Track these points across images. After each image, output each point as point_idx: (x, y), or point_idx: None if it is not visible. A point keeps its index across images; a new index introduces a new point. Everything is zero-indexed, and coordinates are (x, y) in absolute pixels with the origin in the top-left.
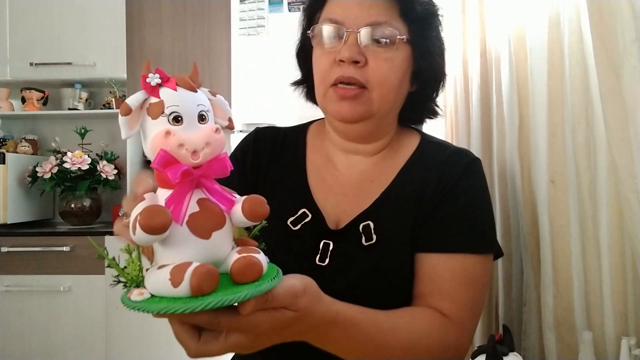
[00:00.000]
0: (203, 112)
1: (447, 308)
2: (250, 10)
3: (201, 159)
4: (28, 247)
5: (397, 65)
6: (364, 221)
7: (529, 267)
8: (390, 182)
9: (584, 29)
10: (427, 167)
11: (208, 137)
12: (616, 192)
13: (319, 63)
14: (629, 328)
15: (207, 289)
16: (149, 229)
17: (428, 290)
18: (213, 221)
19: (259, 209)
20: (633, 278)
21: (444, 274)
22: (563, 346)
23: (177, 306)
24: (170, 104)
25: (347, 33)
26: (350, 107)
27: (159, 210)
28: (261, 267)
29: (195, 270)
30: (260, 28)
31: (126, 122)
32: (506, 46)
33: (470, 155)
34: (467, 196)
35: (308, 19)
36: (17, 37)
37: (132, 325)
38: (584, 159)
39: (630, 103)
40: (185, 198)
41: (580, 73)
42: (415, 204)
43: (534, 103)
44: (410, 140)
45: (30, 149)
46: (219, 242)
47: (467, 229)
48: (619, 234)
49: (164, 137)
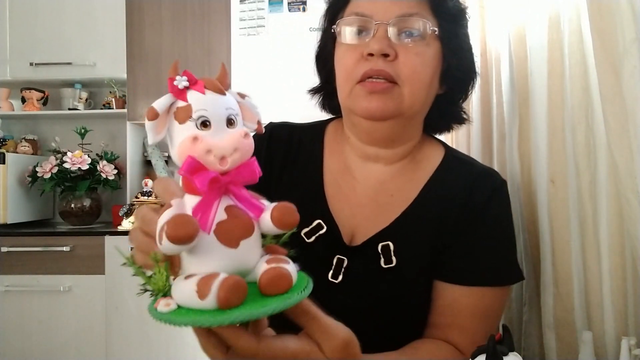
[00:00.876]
0: (232, 116)
1: (465, 344)
2: (250, 10)
3: (229, 165)
4: (28, 247)
5: (428, 61)
6: (384, 241)
7: (529, 267)
8: (413, 200)
9: (584, 29)
10: (452, 187)
11: (237, 143)
12: (616, 192)
13: (344, 59)
14: (629, 328)
15: (234, 302)
16: (176, 239)
17: (447, 323)
18: (241, 229)
19: (289, 218)
20: (633, 278)
21: (465, 309)
22: (563, 346)
23: (204, 319)
24: (198, 108)
25: (377, 25)
26: (380, 102)
27: (186, 220)
28: (290, 279)
29: (223, 283)
30: (260, 28)
31: (153, 127)
32: (506, 46)
33: (498, 178)
34: (493, 225)
35: (331, 17)
36: (17, 37)
37: (132, 325)
38: (584, 159)
39: (630, 103)
40: (213, 206)
41: (580, 73)
42: (437, 228)
43: (534, 103)
44: (434, 152)
45: (30, 149)
46: (247, 251)
47: (493, 262)
48: (619, 234)
49: (191, 142)
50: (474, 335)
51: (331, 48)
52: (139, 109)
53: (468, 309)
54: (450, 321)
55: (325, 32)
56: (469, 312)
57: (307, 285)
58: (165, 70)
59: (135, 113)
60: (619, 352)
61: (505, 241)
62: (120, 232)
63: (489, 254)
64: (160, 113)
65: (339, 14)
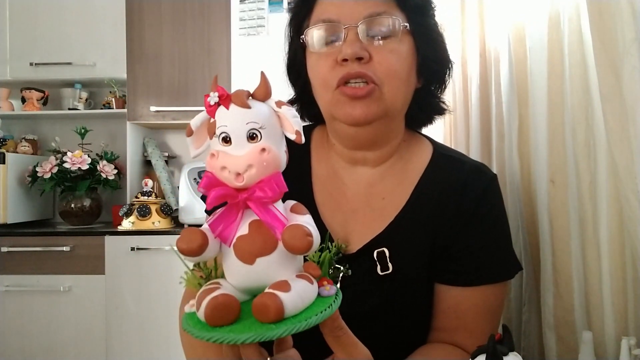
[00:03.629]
0: (254, 130)
1: (471, 345)
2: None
3: (245, 181)
4: (28, 247)
5: (403, 57)
6: (378, 247)
7: (529, 267)
8: (405, 203)
9: (584, 29)
10: (443, 188)
11: (251, 159)
12: (616, 192)
13: (318, 68)
14: (629, 328)
15: (219, 321)
16: (181, 252)
17: (453, 326)
18: (258, 247)
19: (297, 242)
20: (633, 278)
21: (469, 310)
22: (563, 346)
23: (194, 330)
24: (220, 124)
25: (346, 30)
26: (364, 107)
27: (190, 235)
28: (276, 309)
29: (211, 300)
30: (260, 28)
31: (191, 142)
32: (506, 46)
33: (488, 174)
34: (489, 222)
35: (296, 26)
36: (17, 37)
37: (132, 325)
38: (584, 159)
39: (630, 103)
40: (234, 219)
41: (580, 73)
42: (432, 231)
43: (534, 103)
44: (422, 149)
45: (30, 149)
46: (264, 269)
47: (492, 259)
48: (619, 234)
49: (210, 159)
50: (481, 335)
51: (302, 57)
52: (139, 109)
53: (472, 309)
54: (456, 324)
55: (292, 42)
56: (474, 312)
57: (324, 310)
58: (165, 70)
59: (135, 113)
60: (619, 352)
61: (501, 236)
62: (120, 232)
63: (488, 252)
64: (195, 129)
65: (304, 22)
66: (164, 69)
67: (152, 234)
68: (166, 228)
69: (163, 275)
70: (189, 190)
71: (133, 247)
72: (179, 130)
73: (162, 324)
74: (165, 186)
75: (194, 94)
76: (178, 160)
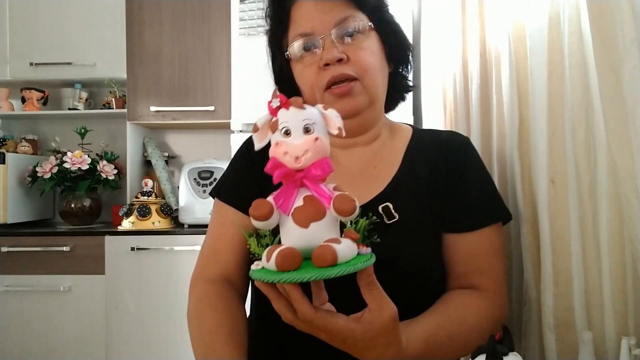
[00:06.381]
0: (308, 125)
1: (487, 283)
2: (250, 10)
3: (302, 163)
4: (28, 247)
5: (373, 50)
6: (382, 203)
7: (529, 267)
8: (399, 166)
9: (584, 29)
10: (429, 150)
11: (307, 146)
12: (616, 192)
13: (305, 75)
14: (629, 328)
15: (287, 266)
16: (253, 217)
17: (469, 271)
18: (312, 214)
19: (345, 205)
20: (633, 278)
21: (481, 252)
22: (563, 346)
23: (267, 276)
24: (282, 121)
25: (322, 39)
26: (352, 102)
27: (260, 204)
28: (333, 254)
29: (280, 252)
30: (260, 28)
31: (256, 137)
32: (506, 46)
33: (462, 136)
34: (475, 171)
35: (278, 45)
36: (17, 37)
37: (132, 325)
38: (584, 159)
39: (630, 103)
40: (292, 194)
41: (580, 73)
42: (428, 186)
43: (534, 103)
44: (403, 129)
45: (30, 149)
46: (316, 231)
47: (488, 202)
48: (619, 234)
49: (274, 146)
50: (494, 274)
51: (287, 69)
52: (139, 108)
53: (483, 250)
54: (472, 267)
55: (275, 57)
56: (484, 253)
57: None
58: (165, 70)
59: (135, 113)
60: (619, 352)
61: (489, 183)
62: (120, 232)
63: (482, 197)
64: (260, 127)
65: (283, 39)
66: (164, 69)
67: (152, 234)
68: (166, 228)
69: (163, 275)
70: (189, 190)
71: (133, 247)
72: (179, 130)
73: (162, 323)
74: (165, 186)
75: (194, 94)
76: (178, 160)
